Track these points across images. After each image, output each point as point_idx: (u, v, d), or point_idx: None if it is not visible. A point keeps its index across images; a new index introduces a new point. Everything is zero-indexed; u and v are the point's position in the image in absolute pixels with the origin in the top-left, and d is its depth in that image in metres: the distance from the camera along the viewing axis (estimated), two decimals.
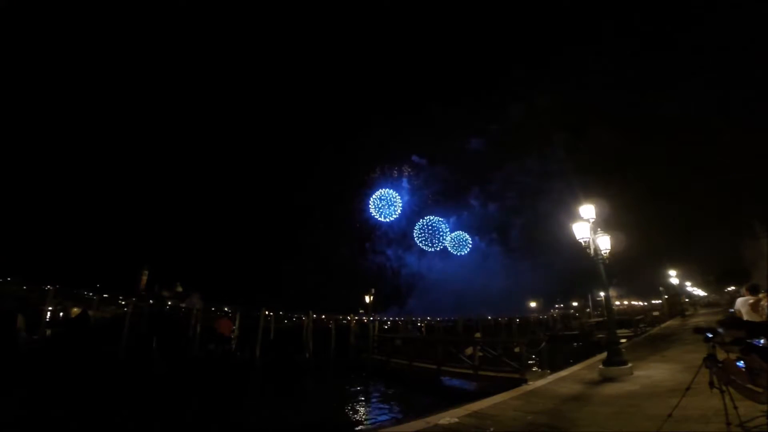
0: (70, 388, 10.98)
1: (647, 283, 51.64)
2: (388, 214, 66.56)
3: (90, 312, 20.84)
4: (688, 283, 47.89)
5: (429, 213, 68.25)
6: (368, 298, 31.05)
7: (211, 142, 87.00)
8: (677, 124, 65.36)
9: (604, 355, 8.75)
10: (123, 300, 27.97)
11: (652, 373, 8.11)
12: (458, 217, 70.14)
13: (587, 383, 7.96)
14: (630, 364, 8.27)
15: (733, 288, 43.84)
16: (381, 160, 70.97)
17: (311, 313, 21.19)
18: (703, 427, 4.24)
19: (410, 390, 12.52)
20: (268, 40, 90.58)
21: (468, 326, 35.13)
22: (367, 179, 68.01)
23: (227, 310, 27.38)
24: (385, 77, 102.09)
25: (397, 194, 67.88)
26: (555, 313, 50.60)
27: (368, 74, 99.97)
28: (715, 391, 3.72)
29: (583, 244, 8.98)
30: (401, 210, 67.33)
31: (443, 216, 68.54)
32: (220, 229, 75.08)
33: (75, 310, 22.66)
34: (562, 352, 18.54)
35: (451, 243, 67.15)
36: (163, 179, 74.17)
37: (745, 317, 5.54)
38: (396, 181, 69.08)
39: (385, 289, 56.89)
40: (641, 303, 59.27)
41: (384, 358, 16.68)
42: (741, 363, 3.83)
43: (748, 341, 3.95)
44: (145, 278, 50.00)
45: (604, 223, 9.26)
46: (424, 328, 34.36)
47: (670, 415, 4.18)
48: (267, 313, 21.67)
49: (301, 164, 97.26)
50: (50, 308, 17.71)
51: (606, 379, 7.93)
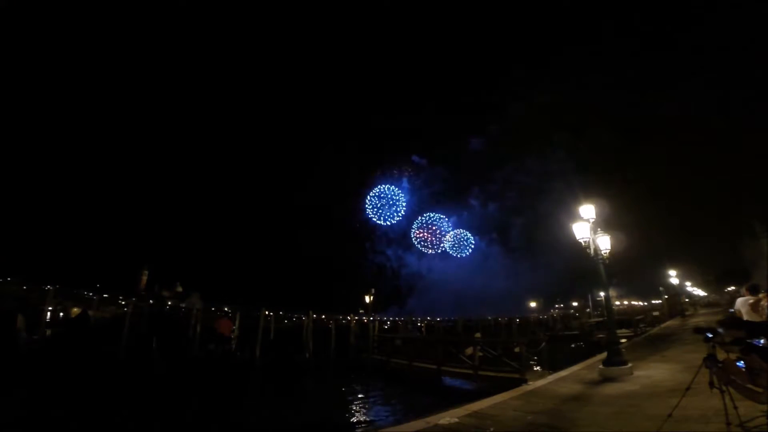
0: (70, 388, 10.97)
1: (647, 283, 51.84)
2: (390, 215, 65.99)
3: (90, 312, 20.80)
4: (688, 283, 47.90)
5: (429, 213, 67.98)
6: (368, 298, 31.17)
7: (211, 142, 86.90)
8: (677, 124, 65.46)
9: (604, 355, 8.75)
10: (123, 300, 27.95)
11: (652, 373, 8.11)
12: (458, 217, 70.06)
13: (587, 383, 7.96)
14: (630, 364, 8.27)
15: (733, 288, 43.87)
16: (381, 159, 71.04)
17: (311, 313, 21.21)
18: (703, 427, 4.24)
19: (410, 390, 12.50)
20: (267, 38, 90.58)
21: (468, 326, 35.14)
22: (367, 179, 67.94)
23: (227, 310, 27.35)
24: (386, 77, 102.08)
25: (399, 191, 67.27)
26: (555, 313, 50.60)
27: (368, 74, 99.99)
28: (715, 391, 3.72)
29: (583, 244, 8.98)
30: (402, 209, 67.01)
31: (444, 214, 68.27)
32: (220, 230, 74.95)
33: (75, 310, 22.63)
34: (562, 352, 18.55)
35: (451, 244, 66.85)
36: (163, 179, 73.99)
37: (745, 317, 5.55)
38: (396, 181, 68.94)
39: (385, 289, 56.89)
40: (641, 303, 59.32)
41: (384, 358, 16.68)
42: (741, 363, 3.83)
43: (748, 341, 3.95)
44: (145, 278, 49.88)
45: (604, 223, 9.27)
46: (424, 328, 34.36)
47: (670, 415, 4.18)
48: (267, 313, 21.66)
49: (301, 164, 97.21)
50: (50, 308, 17.68)
51: (606, 379, 7.93)
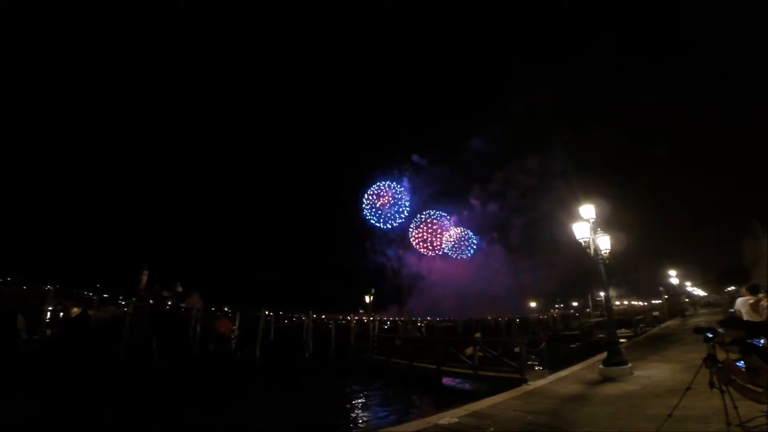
0: (70, 389, 10.97)
1: (647, 283, 51.79)
2: (392, 216, 65.41)
3: (90, 312, 20.86)
4: (688, 283, 47.95)
5: (429, 210, 67.46)
6: (368, 298, 31.10)
7: (211, 142, 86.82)
8: (677, 124, 65.45)
9: (604, 355, 8.75)
10: (123, 300, 28.01)
11: (652, 373, 8.12)
12: (459, 216, 69.91)
13: (587, 383, 7.96)
14: (630, 364, 8.28)
15: (733, 288, 43.78)
16: (381, 159, 70.83)
17: (311, 313, 21.23)
18: (703, 427, 4.24)
19: (410, 390, 12.48)
20: (266, 39, 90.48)
21: (468, 326, 35.18)
22: (367, 179, 67.74)
23: (227, 310, 27.39)
24: (386, 76, 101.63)
25: (402, 188, 66.12)
26: (555, 313, 50.64)
27: (368, 74, 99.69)
28: (715, 391, 3.71)
29: (583, 244, 8.98)
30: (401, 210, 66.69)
31: (445, 212, 67.85)
32: (220, 229, 74.92)
33: (75, 310, 22.60)
34: (562, 352, 18.54)
35: (452, 244, 66.54)
36: (163, 179, 73.95)
37: (745, 317, 5.55)
38: (396, 180, 68.69)
39: (385, 289, 56.70)
40: (641, 303, 59.34)
41: (384, 358, 16.66)
42: (741, 363, 3.83)
43: (748, 341, 3.95)
44: (145, 278, 49.95)
45: (604, 223, 9.28)
46: (424, 328, 34.38)
47: (670, 415, 4.17)
48: (267, 313, 21.69)
49: (301, 164, 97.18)
50: (50, 308, 17.64)
51: (606, 379, 7.94)
